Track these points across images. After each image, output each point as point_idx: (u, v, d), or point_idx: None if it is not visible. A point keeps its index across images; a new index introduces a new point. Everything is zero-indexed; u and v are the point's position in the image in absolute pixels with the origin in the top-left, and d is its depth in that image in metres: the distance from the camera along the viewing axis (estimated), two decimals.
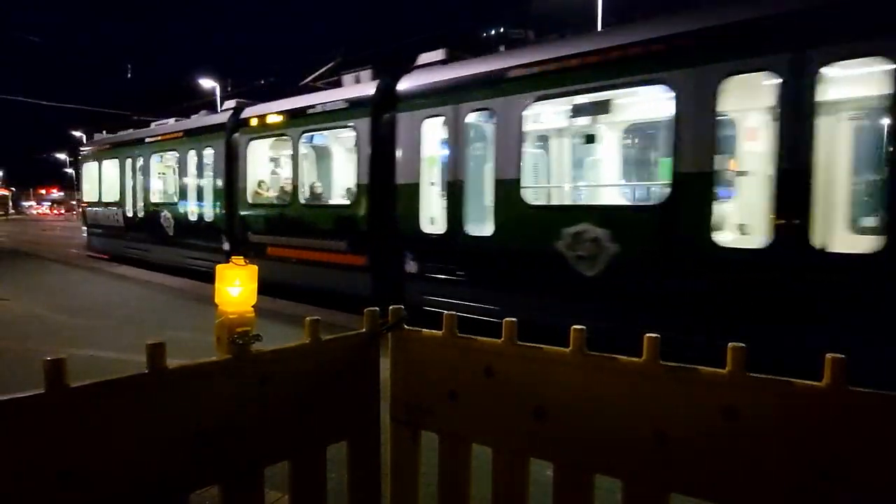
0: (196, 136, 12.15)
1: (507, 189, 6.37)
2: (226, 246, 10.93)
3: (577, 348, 1.76)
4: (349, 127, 8.45)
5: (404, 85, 7.77)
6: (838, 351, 1.43)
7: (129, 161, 14.81)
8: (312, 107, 9.13)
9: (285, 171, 10.67)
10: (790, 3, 4.54)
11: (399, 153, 7.64)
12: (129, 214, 14.73)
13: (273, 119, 9.90)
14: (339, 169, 10.65)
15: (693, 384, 1.59)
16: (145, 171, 14.21)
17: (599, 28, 20.67)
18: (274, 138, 10.24)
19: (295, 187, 9.32)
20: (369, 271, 7.97)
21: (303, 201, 9.34)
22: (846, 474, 1.39)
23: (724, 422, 1.53)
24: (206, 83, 34.17)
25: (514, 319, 1.89)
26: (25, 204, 68.84)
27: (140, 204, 14.40)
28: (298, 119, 9.32)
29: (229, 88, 36.66)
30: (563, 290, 5.86)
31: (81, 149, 18.42)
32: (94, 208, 16.77)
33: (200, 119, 12.82)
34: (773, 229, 4.56)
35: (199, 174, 11.98)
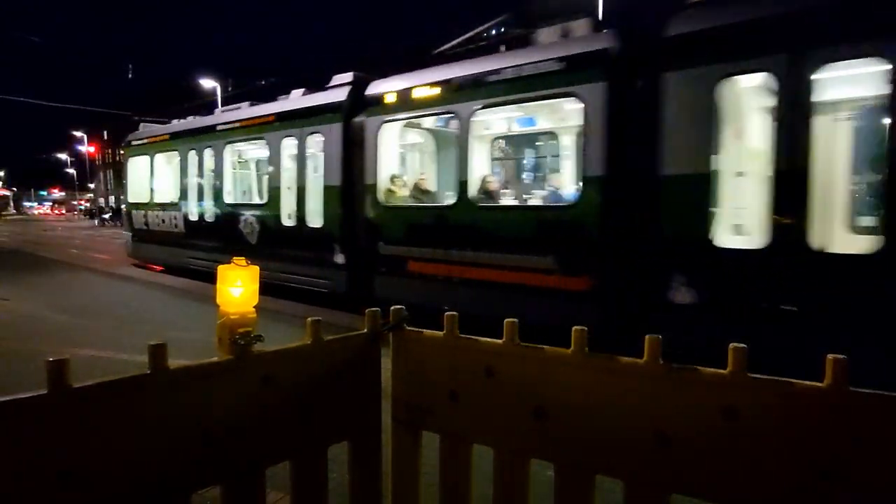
0: (295, 121, 9.42)
1: None
2: (339, 258, 8.56)
3: (578, 348, 1.76)
4: (572, 96, 6.05)
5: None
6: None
7: (192, 154, 12.01)
8: (497, 72, 6.65)
9: (443, 162, 8.67)
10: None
11: (682, 129, 5.18)
12: (194, 218, 12.00)
13: (425, 93, 7.40)
14: (546, 157, 8.48)
15: (694, 384, 1.59)
16: (217, 164, 11.38)
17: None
18: (426, 117, 7.94)
19: (463, 183, 6.90)
20: (593, 299, 5.73)
21: (478, 201, 6.95)
22: (846, 474, 1.40)
23: (725, 422, 1.53)
24: (207, 83, 34.18)
25: (514, 320, 1.90)
26: (27, 204, 68.95)
27: (209, 205, 11.63)
28: (473, 89, 6.85)
29: (230, 88, 36.72)
30: None
31: (130, 141, 14.98)
32: (144, 210, 13.87)
33: (300, 99, 9.73)
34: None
35: (299, 167, 9.33)
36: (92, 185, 77.51)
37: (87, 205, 59.24)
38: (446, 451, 1.98)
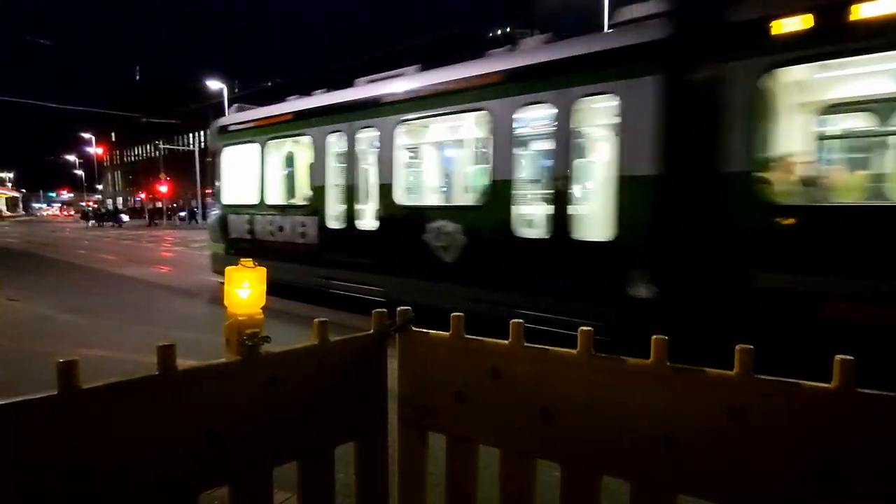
0: (551, 79, 5.87)
1: None
2: (641, 291, 5.12)
3: (585, 349, 1.77)
4: None
5: None
6: None
7: (335, 139, 8.45)
8: None
9: None
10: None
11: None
12: (338, 224, 8.32)
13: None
14: None
15: (700, 385, 1.59)
16: (382, 151, 7.75)
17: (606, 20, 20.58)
18: None
19: None
20: None
21: None
22: (854, 476, 1.39)
23: (731, 423, 1.53)
24: (214, 84, 34.34)
25: (520, 321, 1.90)
26: (35, 205, 69.57)
27: (365, 207, 8.45)
28: None
29: (236, 90, 36.90)
30: None
31: (226, 126, 10.81)
32: (246, 215, 9.91)
33: (558, 47, 6.14)
34: None
35: (556, 149, 5.93)
36: (100, 187, 78.00)
37: (85, 206, 59.87)
38: (452, 451, 1.99)
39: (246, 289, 1.96)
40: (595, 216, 6.15)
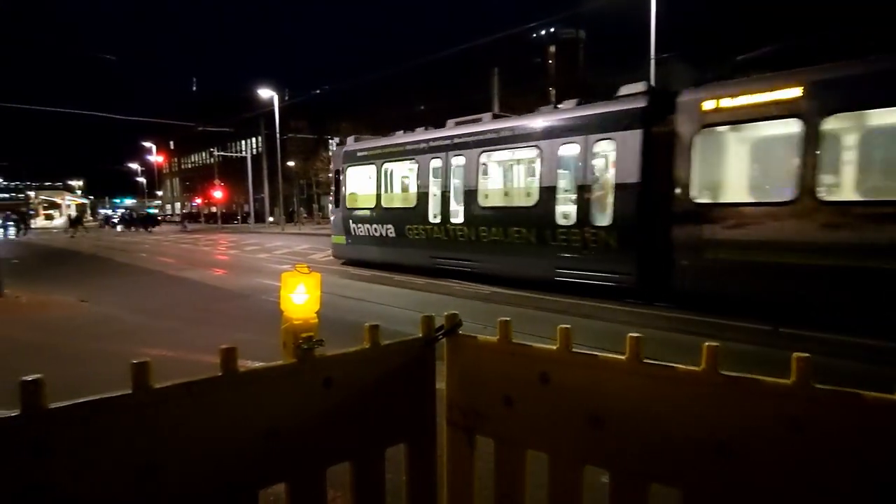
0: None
1: None
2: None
3: (634, 356, 1.75)
4: None
5: None
6: None
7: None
8: None
9: None
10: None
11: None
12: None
13: None
14: None
15: (755, 394, 1.56)
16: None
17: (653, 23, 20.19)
18: None
19: None
20: None
21: None
22: None
23: (788, 434, 1.48)
24: (265, 93, 35.54)
25: (567, 326, 1.90)
26: (102, 211, 74.00)
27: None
28: None
29: (286, 97, 38.07)
30: None
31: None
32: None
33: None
34: None
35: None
36: (160, 193, 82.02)
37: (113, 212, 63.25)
38: (501, 456, 2.01)
39: (301, 294, 2.04)
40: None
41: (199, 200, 66.06)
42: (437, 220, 12.34)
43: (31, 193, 79.79)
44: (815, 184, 7.04)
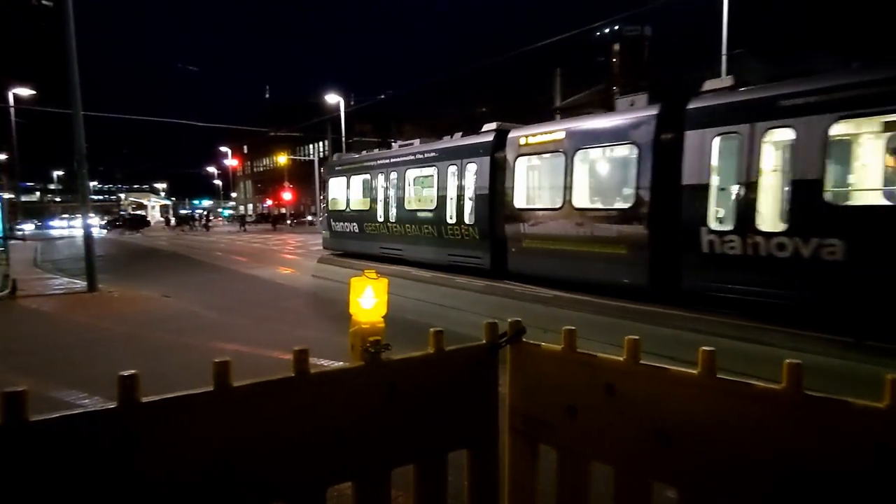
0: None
1: None
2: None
3: (706, 370, 1.68)
4: None
5: None
6: None
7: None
8: None
9: None
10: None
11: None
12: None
13: None
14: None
15: (841, 416, 1.45)
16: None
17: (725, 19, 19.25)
18: None
19: None
20: None
21: None
22: None
23: (878, 462, 1.37)
24: (332, 99, 36.70)
25: (635, 337, 1.85)
26: (182, 212, 79.06)
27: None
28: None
29: (352, 102, 39.16)
30: None
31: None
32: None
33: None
34: None
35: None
36: (234, 194, 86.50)
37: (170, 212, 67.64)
38: (564, 466, 1.98)
39: (369, 298, 2.10)
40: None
41: (269, 202, 69.20)
42: (382, 220, 16.31)
43: (122, 195, 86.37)
44: (571, 196, 10.73)
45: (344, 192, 18.37)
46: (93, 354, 6.34)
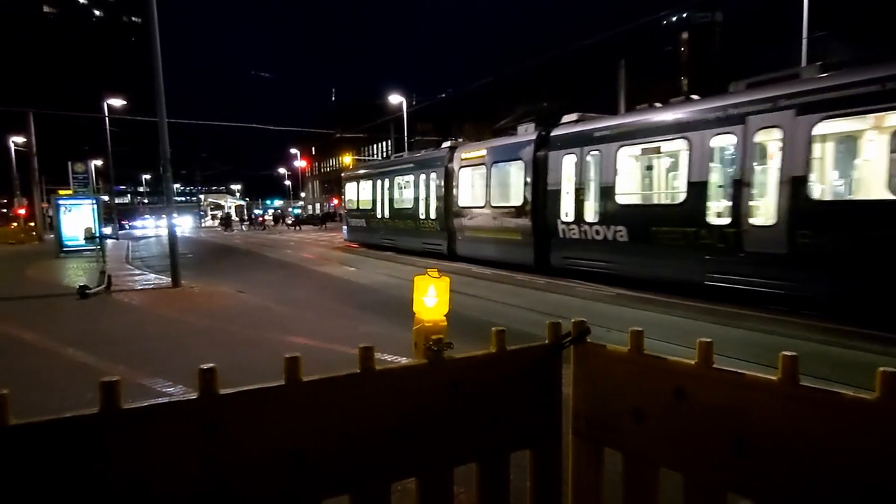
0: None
1: None
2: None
3: (788, 377, 1.57)
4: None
5: None
6: None
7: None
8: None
9: None
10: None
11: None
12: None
13: None
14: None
15: None
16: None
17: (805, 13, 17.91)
18: None
19: None
20: None
21: None
22: None
23: None
24: (395, 99, 37.35)
25: (708, 340, 1.76)
26: (256, 212, 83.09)
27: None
28: None
29: (413, 102, 39.69)
30: None
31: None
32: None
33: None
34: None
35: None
36: (303, 194, 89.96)
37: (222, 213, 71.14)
38: (630, 471, 1.92)
39: (432, 297, 2.12)
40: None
41: (336, 201, 71.44)
42: (380, 217, 21.10)
43: (202, 197, 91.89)
44: (490, 197, 14.97)
45: (356, 194, 23.50)
46: (176, 345, 6.80)
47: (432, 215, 17.52)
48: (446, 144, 17.73)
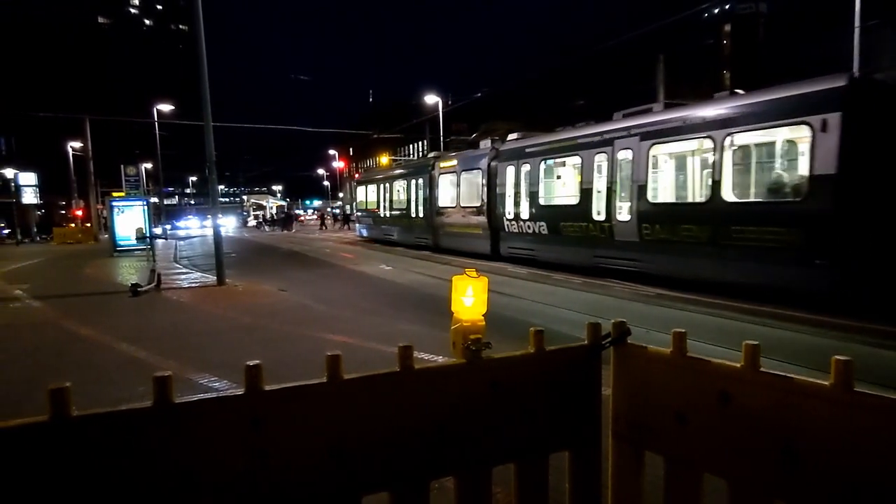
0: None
1: None
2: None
3: (841, 382, 1.51)
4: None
5: None
6: None
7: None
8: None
9: None
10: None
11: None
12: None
13: None
14: None
15: None
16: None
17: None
18: None
19: None
20: None
21: None
22: None
23: None
24: (430, 99, 37.49)
25: (756, 343, 1.71)
26: (297, 212, 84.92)
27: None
28: None
29: (450, 102, 39.76)
30: None
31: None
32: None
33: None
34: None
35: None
36: (341, 194, 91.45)
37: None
38: (672, 476, 1.88)
39: (470, 297, 2.13)
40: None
41: None
42: (383, 216, 25.30)
43: (245, 197, 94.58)
44: (459, 199, 18.28)
45: (364, 196, 28.06)
46: (221, 341, 7.03)
47: (421, 214, 21.06)
48: (431, 155, 22.59)
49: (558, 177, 14.99)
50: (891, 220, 7.63)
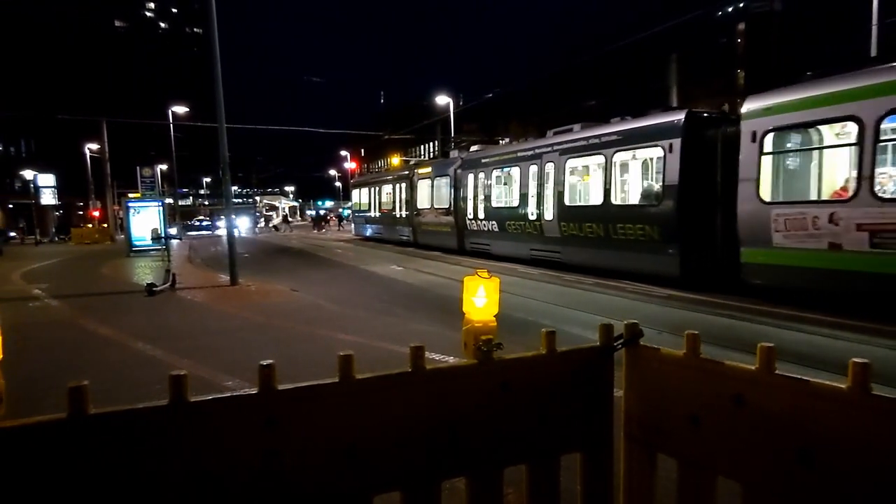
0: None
1: None
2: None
3: (859, 385, 1.49)
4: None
5: None
6: None
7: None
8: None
9: None
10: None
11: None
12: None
13: None
14: None
15: None
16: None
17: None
18: None
19: None
20: None
21: None
22: None
23: None
24: (441, 100, 37.52)
25: (770, 345, 1.69)
26: (308, 213, 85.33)
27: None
28: None
29: (461, 102, 39.77)
30: None
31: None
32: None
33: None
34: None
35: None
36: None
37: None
38: (685, 478, 1.86)
39: (481, 297, 2.13)
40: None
41: None
42: (372, 215, 28.42)
43: (258, 198, 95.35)
44: (433, 202, 21.25)
45: (359, 198, 31.12)
46: (235, 340, 7.09)
47: (403, 214, 24.07)
48: (411, 162, 27.09)
49: (505, 183, 17.73)
50: (712, 217, 10.25)
